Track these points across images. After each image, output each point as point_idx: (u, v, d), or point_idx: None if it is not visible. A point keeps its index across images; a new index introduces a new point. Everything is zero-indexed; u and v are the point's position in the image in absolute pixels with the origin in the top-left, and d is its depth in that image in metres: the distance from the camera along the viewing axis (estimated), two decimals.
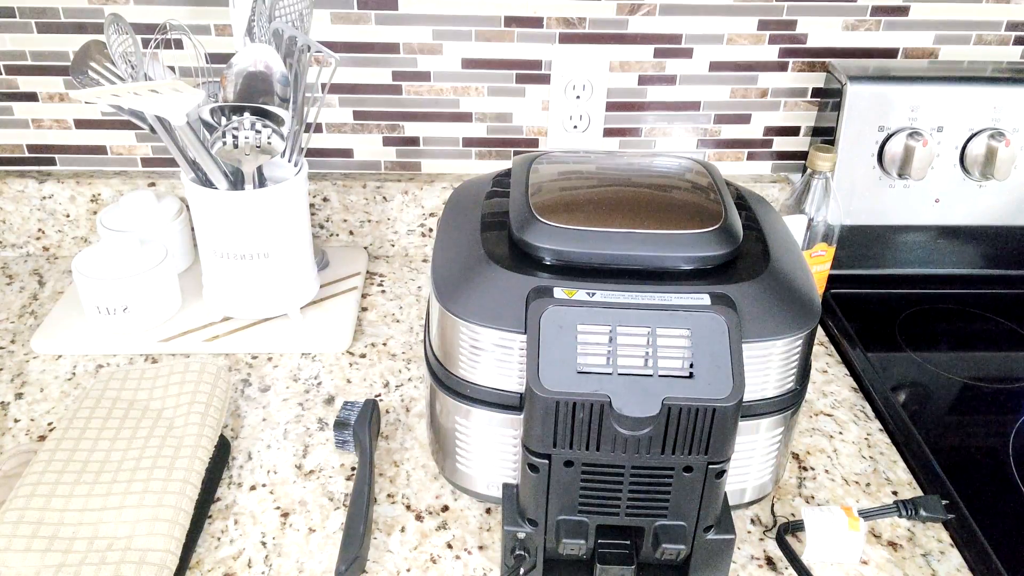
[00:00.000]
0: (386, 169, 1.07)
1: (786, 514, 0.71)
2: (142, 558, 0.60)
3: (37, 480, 0.66)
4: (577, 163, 0.74)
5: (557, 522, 0.60)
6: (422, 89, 1.01)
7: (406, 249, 1.09)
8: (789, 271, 0.64)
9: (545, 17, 0.97)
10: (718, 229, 0.62)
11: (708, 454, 0.56)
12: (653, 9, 0.97)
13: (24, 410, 0.81)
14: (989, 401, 0.84)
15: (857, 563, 0.66)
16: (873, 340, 0.93)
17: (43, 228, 1.06)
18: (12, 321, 0.94)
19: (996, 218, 1.02)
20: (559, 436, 0.56)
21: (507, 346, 0.60)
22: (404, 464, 0.76)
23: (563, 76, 1.00)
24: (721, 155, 1.08)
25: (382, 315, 0.97)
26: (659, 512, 0.60)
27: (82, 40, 0.85)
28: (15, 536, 0.61)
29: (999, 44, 1.02)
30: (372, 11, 0.96)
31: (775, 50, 1.01)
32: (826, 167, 0.88)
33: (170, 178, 1.04)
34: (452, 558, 0.67)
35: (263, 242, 0.85)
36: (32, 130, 1.03)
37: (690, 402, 0.55)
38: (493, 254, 0.63)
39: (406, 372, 0.87)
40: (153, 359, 0.88)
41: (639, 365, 0.56)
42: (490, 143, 1.06)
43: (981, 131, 0.97)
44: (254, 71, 0.79)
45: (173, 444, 0.70)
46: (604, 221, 0.63)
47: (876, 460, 0.77)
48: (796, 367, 0.62)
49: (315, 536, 0.68)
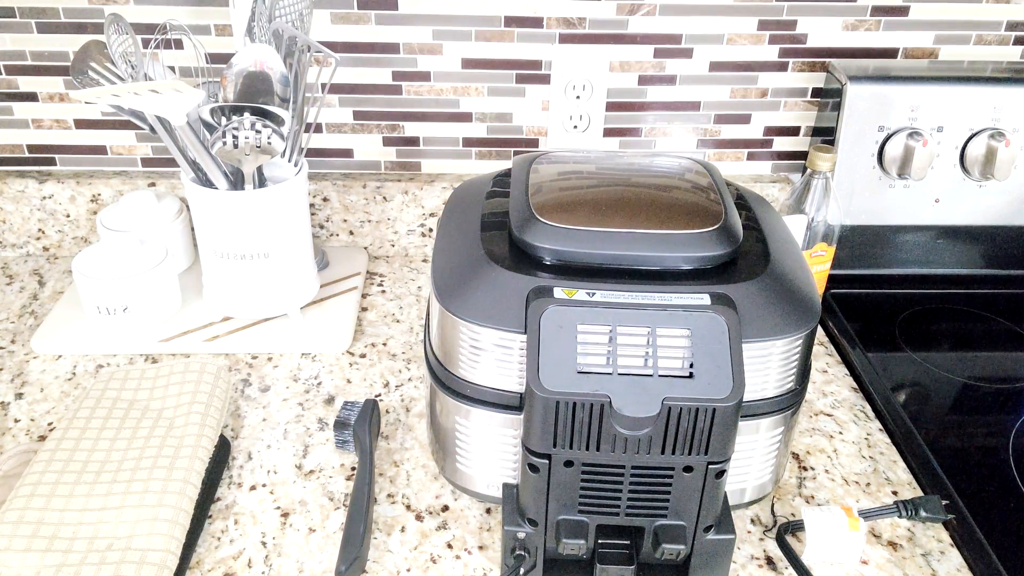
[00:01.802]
0: (386, 169, 1.07)
1: (786, 514, 0.71)
2: (142, 558, 0.60)
3: (37, 480, 0.66)
4: (577, 163, 0.74)
5: (557, 522, 0.60)
6: (422, 89, 1.01)
7: (406, 249, 1.09)
8: (789, 271, 0.64)
9: (545, 17, 0.97)
10: (718, 229, 0.62)
11: (708, 454, 0.56)
12: (653, 9, 0.97)
13: (24, 410, 0.81)
14: (989, 401, 0.84)
15: (857, 563, 0.67)
16: (873, 340, 0.93)
17: (43, 228, 1.06)
18: (12, 321, 0.94)
19: (996, 218, 1.02)
20: (559, 436, 0.56)
21: (507, 346, 0.60)
22: (404, 464, 0.76)
23: (563, 76, 1.00)
24: (721, 155, 1.08)
25: (382, 315, 0.97)
26: (659, 512, 0.60)
27: (82, 40, 0.85)
28: (15, 536, 0.61)
29: (999, 44, 1.02)
30: (372, 11, 0.96)
31: (775, 50, 1.01)
32: (826, 167, 0.88)
33: (170, 178, 1.04)
34: (452, 558, 0.67)
35: (263, 242, 0.85)
36: (32, 130, 1.03)
37: (690, 402, 0.55)
38: (493, 254, 0.63)
39: (406, 372, 0.87)
40: (153, 359, 0.88)
41: (639, 365, 0.56)
42: (490, 143, 1.06)
43: (981, 131, 0.97)
44: (254, 71, 0.79)
45: (173, 444, 0.70)
46: (604, 221, 0.63)
47: (876, 460, 0.77)
48: (796, 367, 0.62)
49: (315, 536, 0.68)
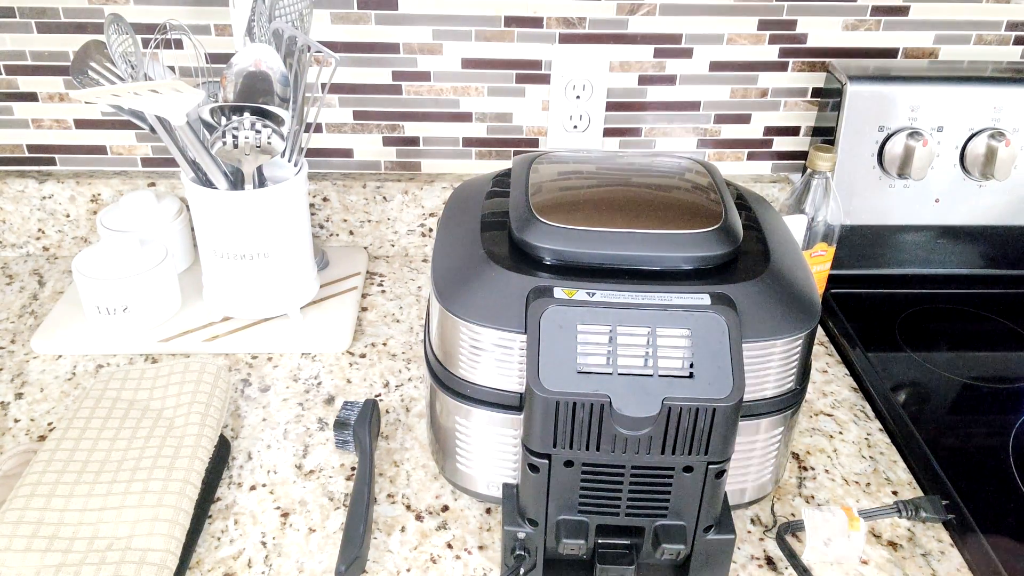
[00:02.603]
0: (386, 169, 1.07)
1: (786, 514, 0.71)
2: (142, 558, 0.60)
3: (37, 480, 0.66)
4: (577, 163, 0.74)
5: (557, 522, 0.60)
6: (422, 89, 1.01)
7: (406, 249, 1.09)
8: (789, 271, 0.64)
9: (545, 17, 0.97)
10: (718, 229, 0.62)
11: (708, 454, 0.56)
12: (653, 9, 0.97)
13: (24, 410, 0.81)
14: (989, 401, 0.84)
15: (857, 563, 0.66)
16: (873, 340, 0.93)
17: (43, 228, 1.06)
18: (12, 321, 0.94)
19: (996, 218, 1.02)
20: (559, 436, 0.56)
21: (507, 346, 0.60)
22: (404, 464, 0.76)
23: (563, 76, 1.00)
24: (721, 155, 1.08)
25: (382, 315, 0.97)
26: (659, 512, 0.60)
27: (82, 40, 0.85)
28: (15, 536, 0.61)
29: (999, 44, 1.02)
30: (372, 11, 0.96)
31: (775, 50, 1.01)
32: (826, 167, 0.88)
33: (170, 178, 1.04)
34: (452, 558, 0.67)
35: (263, 242, 0.85)
36: (32, 130, 1.03)
37: (690, 402, 0.55)
38: (493, 254, 0.63)
39: (406, 372, 0.87)
40: (153, 359, 0.88)
41: (639, 365, 0.56)
42: (490, 143, 1.05)
43: (981, 131, 0.97)
44: (254, 71, 0.79)
45: (173, 444, 0.70)
46: (604, 221, 0.63)
47: (876, 460, 0.77)
48: (796, 367, 0.62)
49: (315, 536, 0.68)
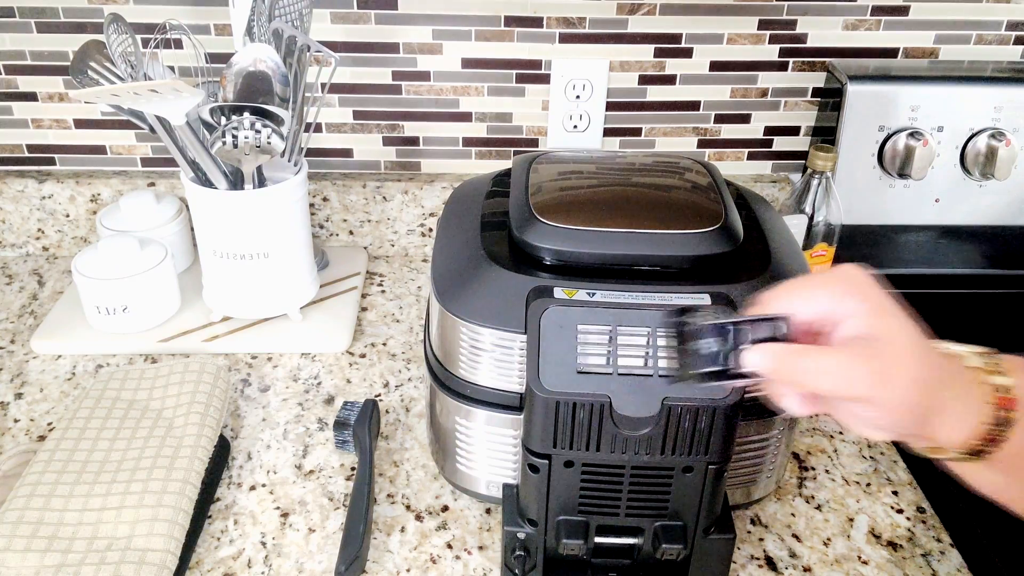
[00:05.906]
0: (386, 169, 1.07)
1: (786, 514, 0.71)
2: (142, 558, 0.60)
3: (37, 480, 0.66)
4: (577, 163, 0.74)
5: (557, 522, 0.60)
6: (422, 89, 1.01)
7: (406, 249, 1.09)
8: (789, 271, 0.64)
9: (545, 17, 0.97)
10: (718, 229, 0.62)
11: (708, 454, 0.56)
12: (653, 9, 0.97)
13: (24, 410, 0.81)
14: None
15: (857, 563, 0.66)
16: None
17: (43, 228, 1.06)
18: (12, 321, 0.94)
19: (996, 218, 1.02)
20: (559, 436, 0.56)
21: (507, 346, 0.60)
22: (404, 464, 0.76)
23: (563, 76, 1.00)
24: (721, 155, 1.08)
25: (382, 315, 0.97)
26: (659, 512, 0.60)
27: (82, 40, 0.85)
28: (15, 536, 0.61)
29: (999, 44, 1.02)
30: (372, 11, 0.96)
31: (775, 50, 1.00)
32: (826, 167, 0.88)
33: (170, 178, 1.04)
34: (452, 558, 0.67)
35: (263, 242, 0.85)
36: (32, 130, 1.03)
37: (690, 402, 0.55)
38: (493, 254, 0.63)
39: (406, 372, 0.87)
40: (153, 359, 0.88)
41: (639, 365, 0.56)
42: (490, 143, 1.05)
43: (981, 131, 0.97)
44: (254, 71, 0.79)
45: (173, 444, 0.70)
46: (604, 221, 0.63)
47: (877, 460, 0.77)
48: None
49: (315, 536, 0.68)
